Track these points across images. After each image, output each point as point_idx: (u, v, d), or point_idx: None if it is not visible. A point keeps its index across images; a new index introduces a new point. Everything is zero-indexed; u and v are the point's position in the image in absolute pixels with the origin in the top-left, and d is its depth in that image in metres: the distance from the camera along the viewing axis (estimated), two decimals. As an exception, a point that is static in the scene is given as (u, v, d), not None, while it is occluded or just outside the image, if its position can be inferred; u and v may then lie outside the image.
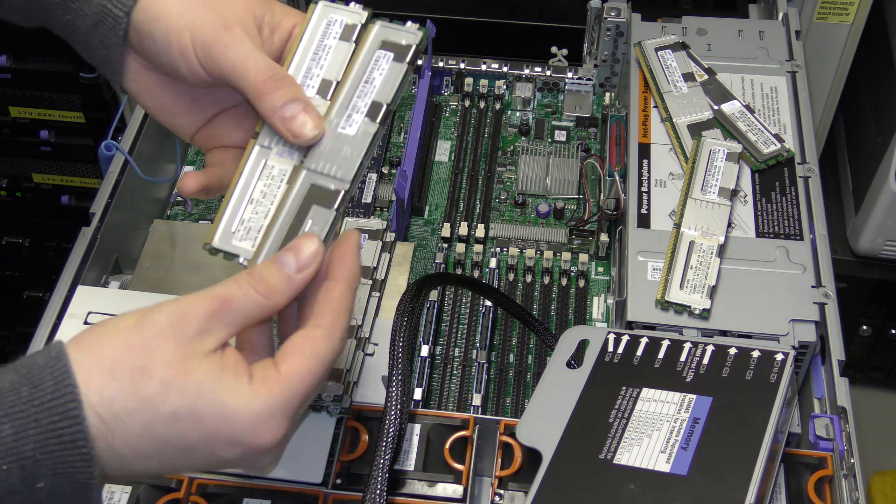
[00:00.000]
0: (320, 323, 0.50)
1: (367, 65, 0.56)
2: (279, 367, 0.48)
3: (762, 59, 0.86)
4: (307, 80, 0.55)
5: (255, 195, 0.54)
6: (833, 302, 0.70)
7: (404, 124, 0.95)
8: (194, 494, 0.62)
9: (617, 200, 0.81)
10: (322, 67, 0.56)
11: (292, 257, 0.51)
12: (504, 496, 0.62)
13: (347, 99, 0.55)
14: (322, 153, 0.54)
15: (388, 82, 0.55)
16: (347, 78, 0.55)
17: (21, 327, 1.47)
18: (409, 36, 0.56)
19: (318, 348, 0.49)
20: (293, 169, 0.54)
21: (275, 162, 0.54)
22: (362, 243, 0.73)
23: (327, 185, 0.53)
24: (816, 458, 0.64)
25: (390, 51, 0.56)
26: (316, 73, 0.56)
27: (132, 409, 0.45)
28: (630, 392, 0.63)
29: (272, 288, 0.50)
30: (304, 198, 0.53)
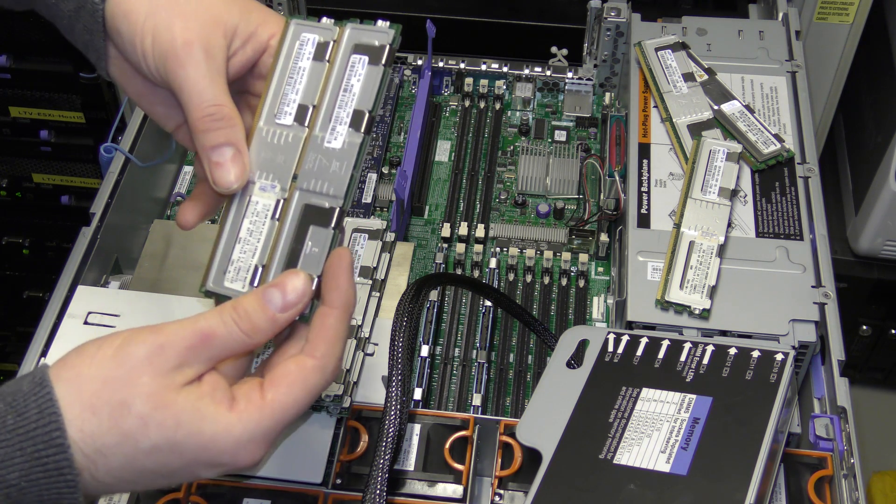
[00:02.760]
0: (314, 352, 0.49)
1: (344, 72, 0.54)
2: (265, 393, 0.48)
3: (762, 59, 0.86)
4: (283, 108, 0.54)
5: (243, 234, 0.53)
6: (833, 302, 0.70)
7: (404, 124, 0.95)
8: (194, 494, 0.62)
9: (617, 200, 0.81)
10: (298, 92, 0.55)
11: (279, 295, 0.49)
12: (504, 496, 0.62)
13: (329, 111, 0.54)
14: (312, 171, 0.53)
15: (368, 88, 0.54)
16: (327, 88, 0.54)
17: (21, 327, 1.47)
18: (382, 36, 0.55)
19: (308, 379, 0.49)
20: (276, 203, 0.53)
21: (258, 197, 0.53)
22: (362, 246, 0.73)
23: (321, 203, 0.52)
24: (816, 458, 0.64)
25: (365, 54, 0.54)
26: (292, 98, 0.55)
27: (113, 444, 0.46)
28: (630, 392, 0.63)
29: (255, 326, 0.49)
30: (301, 219, 0.52)
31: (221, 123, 0.53)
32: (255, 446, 0.48)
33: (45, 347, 0.70)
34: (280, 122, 0.54)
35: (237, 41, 0.55)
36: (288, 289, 0.49)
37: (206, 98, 0.53)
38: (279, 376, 0.49)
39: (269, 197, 0.53)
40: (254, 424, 0.47)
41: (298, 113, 0.54)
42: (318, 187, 0.52)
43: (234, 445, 0.47)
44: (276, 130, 0.54)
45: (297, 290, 0.50)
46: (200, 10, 0.54)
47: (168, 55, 0.53)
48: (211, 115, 0.53)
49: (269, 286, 0.50)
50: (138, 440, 0.46)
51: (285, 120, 0.54)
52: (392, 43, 0.54)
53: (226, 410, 0.47)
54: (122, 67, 0.58)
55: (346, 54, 0.54)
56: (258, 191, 0.53)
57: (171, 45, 0.53)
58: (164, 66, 0.53)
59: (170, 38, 0.53)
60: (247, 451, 0.48)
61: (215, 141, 0.53)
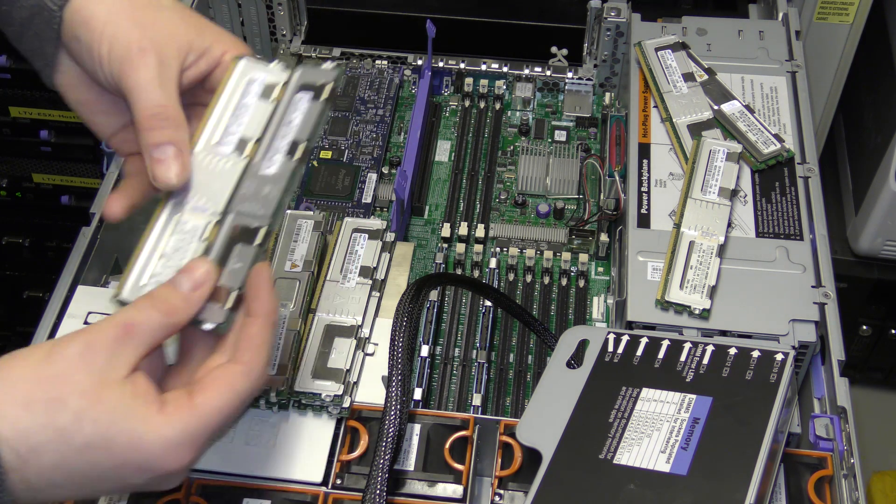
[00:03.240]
0: (241, 359, 0.51)
1: (287, 107, 0.58)
2: (194, 397, 0.49)
3: (762, 59, 0.86)
4: (225, 137, 0.57)
5: (168, 250, 0.54)
6: (833, 302, 0.70)
7: (404, 124, 0.95)
8: (194, 494, 0.62)
9: (617, 200, 0.81)
10: (241, 125, 0.57)
11: (186, 278, 0.52)
12: (504, 496, 0.62)
13: (268, 142, 0.57)
14: (246, 196, 0.55)
15: (307, 121, 0.57)
16: (270, 124, 0.57)
17: (21, 327, 1.47)
18: (327, 74, 0.59)
19: (235, 383, 0.50)
20: (207, 225, 0.55)
21: (189, 217, 0.55)
22: (362, 246, 0.73)
23: (249, 223, 0.54)
24: (816, 458, 0.64)
25: (309, 91, 0.58)
26: (234, 130, 0.57)
27: (46, 441, 0.46)
28: (630, 392, 0.63)
29: (172, 306, 0.50)
30: (229, 239, 0.54)
31: (166, 123, 0.55)
32: (183, 450, 0.48)
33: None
34: (219, 150, 0.57)
35: (191, 56, 0.58)
36: (194, 271, 0.52)
37: (153, 99, 0.55)
38: (207, 382, 0.50)
39: (200, 218, 0.55)
40: (182, 426, 0.48)
41: (239, 144, 0.57)
42: (250, 209, 0.55)
43: (164, 447, 0.48)
44: (214, 158, 0.57)
45: (203, 270, 0.52)
46: (158, 24, 0.57)
47: (123, 59, 0.56)
48: (157, 115, 0.55)
49: (176, 275, 0.52)
50: (72, 436, 0.46)
51: (225, 149, 0.57)
52: (334, 81, 0.58)
53: (156, 412, 0.48)
54: (71, 75, 0.60)
55: (291, 93, 0.58)
56: (190, 210, 0.55)
57: (127, 51, 0.56)
58: (118, 69, 0.56)
59: (126, 44, 0.56)
60: (176, 454, 0.48)
61: (159, 139, 0.55)
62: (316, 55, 0.99)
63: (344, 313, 0.69)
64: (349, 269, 0.72)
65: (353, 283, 0.71)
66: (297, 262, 0.71)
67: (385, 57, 0.99)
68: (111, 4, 0.57)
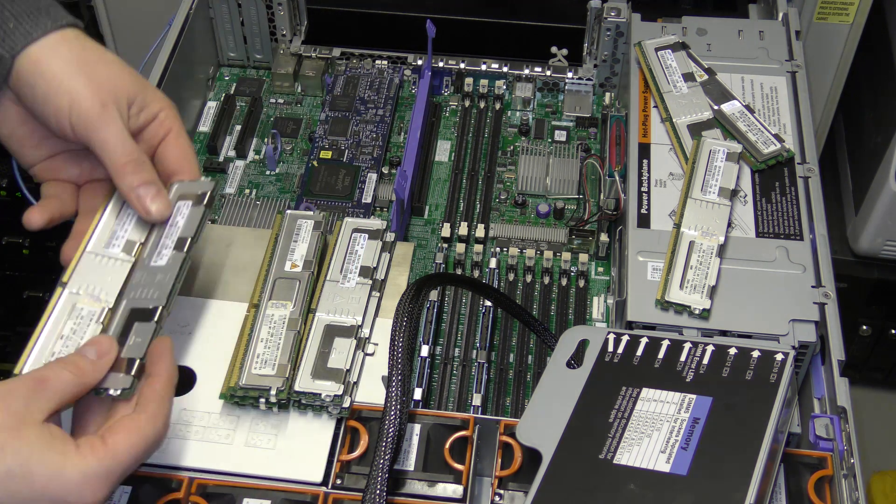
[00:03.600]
0: (146, 409, 0.56)
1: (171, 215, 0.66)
2: (106, 439, 0.54)
3: (762, 59, 0.86)
4: (113, 241, 0.65)
5: (66, 331, 0.61)
6: (833, 302, 0.70)
7: (404, 124, 0.95)
8: (194, 494, 0.62)
9: (617, 200, 0.81)
10: (126, 231, 0.66)
11: (91, 348, 0.58)
12: (504, 496, 0.62)
13: (156, 242, 0.65)
14: (138, 284, 0.63)
15: (191, 221, 0.65)
16: (153, 228, 0.66)
17: (21, 327, 1.47)
18: (204, 185, 0.67)
19: (142, 428, 0.55)
20: (102, 310, 0.62)
21: (84, 304, 0.62)
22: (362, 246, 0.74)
23: (146, 305, 0.62)
24: (816, 458, 0.64)
25: (189, 200, 0.66)
26: (121, 235, 0.65)
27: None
28: (630, 392, 0.63)
29: (81, 369, 0.56)
30: (127, 319, 0.61)
31: (142, 168, 0.64)
32: (99, 484, 0.53)
33: None
34: (108, 250, 0.65)
35: (134, 108, 0.65)
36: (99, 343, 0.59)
37: (127, 149, 0.64)
38: (117, 427, 0.55)
39: (95, 305, 0.62)
40: (97, 463, 0.53)
41: (126, 246, 0.65)
42: (144, 294, 0.63)
43: (82, 480, 0.52)
44: (104, 257, 0.65)
45: (106, 342, 0.59)
46: (110, 79, 0.64)
47: (89, 117, 0.62)
48: (132, 162, 0.64)
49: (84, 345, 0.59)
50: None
51: (113, 251, 0.65)
52: (213, 190, 0.67)
53: (74, 450, 0.53)
54: (8, 112, 0.66)
55: (172, 202, 0.66)
56: (85, 298, 0.63)
57: (92, 109, 0.62)
58: (83, 126, 0.63)
59: (89, 101, 0.62)
60: (92, 487, 0.52)
61: (142, 180, 0.64)
62: (316, 55, 0.99)
63: (344, 313, 0.69)
64: (349, 269, 0.72)
65: (353, 283, 0.71)
66: (297, 262, 0.71)
67: (385, 57, 0.99)
68: (66, 59, 0.63)
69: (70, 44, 0.64)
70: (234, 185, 0.91)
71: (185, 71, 0.92)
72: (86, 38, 0.66)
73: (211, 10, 0.98)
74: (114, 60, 0.66)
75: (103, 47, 0.67)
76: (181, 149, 0.68)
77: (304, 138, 0.95)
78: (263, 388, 0.64)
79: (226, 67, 1.02)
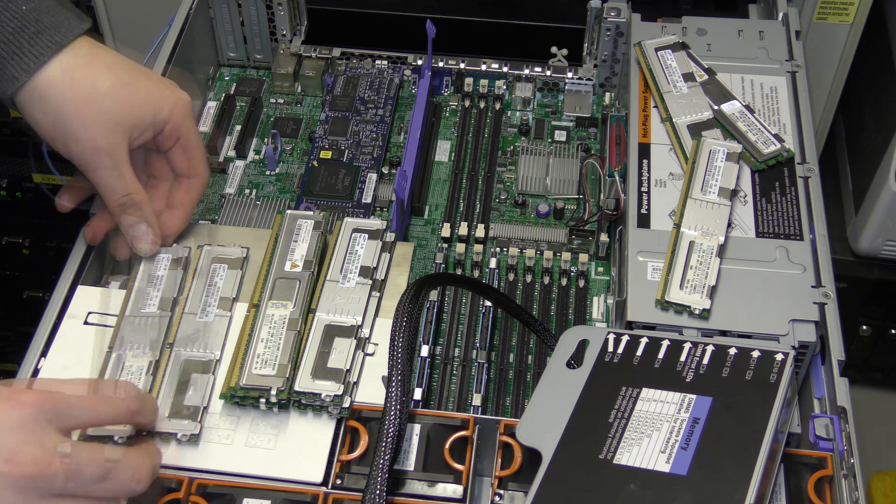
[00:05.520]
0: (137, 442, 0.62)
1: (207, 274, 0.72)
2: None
3: (762, 59, 0.86)
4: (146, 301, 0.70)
5: None
6: (833, 302, 0.70)
7: (404, 124, 0.95)
8: (194, 494, 0.62)
9: (617, 200, 0.81)
10: (159, 290, 0.71)
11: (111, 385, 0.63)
12: (504, 496, 0.62)
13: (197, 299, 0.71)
14: (187, 337, 0.69)
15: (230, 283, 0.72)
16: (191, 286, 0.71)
17: (21, 327, 1.47)
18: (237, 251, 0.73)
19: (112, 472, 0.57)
20: (149, 363, 0.67)
21: (132, 362, 0.67)
22: (362, 246, 0.74)
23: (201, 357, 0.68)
24: (816, 458, 0.64)
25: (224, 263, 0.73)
26: (154, 294, 0.71)
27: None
28: (630, 392, 0.63)
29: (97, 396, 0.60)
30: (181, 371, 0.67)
31: (134, 209, 0.70)
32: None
33: (45, 347, 0.70)
34: (144, 311, 0.70)
35: (136, 132, 0.69)
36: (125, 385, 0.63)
37: (118, 191, 0.69)
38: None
39: (142, 361, 0.67)
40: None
41: (162, 303, 0.70)
42: (196, 348, 0.68)
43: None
44: (140, 318, 0.69)
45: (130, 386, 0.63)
46: (104, 116, 0.67)
47: (83, 159, 0.67)
48: (125, 203, 0.70)
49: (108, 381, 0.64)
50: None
51: (150, 309, 0.70)
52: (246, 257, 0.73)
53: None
54: None
55: (206, 264, 0.73)
56: (131, 357, 0.67)
57: (83, 152, 0.67)
58: (79, 165, 0.68)
59: (80, 147, 0.67)
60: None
61: (132, 221, 0.71)
62: (316, 55, 0.99)
63: (344, 313, 0.69)
64: (349, 269, 0.72)
65: (353, 283, 0.71)
66: (297, 262, 0.71)
67: (385, 57, 0.99)
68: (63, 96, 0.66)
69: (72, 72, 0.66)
70: (234, 185, 0.91)
71: (186, 71, 0.92)
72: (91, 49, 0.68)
73: (211, 10, 0.98)
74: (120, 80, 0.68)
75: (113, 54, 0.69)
76: (189, 153, 0.74)
77: (304, 138, 0.95)
78: (264, 388, 0.64)
79: (226, 67, 1.02)
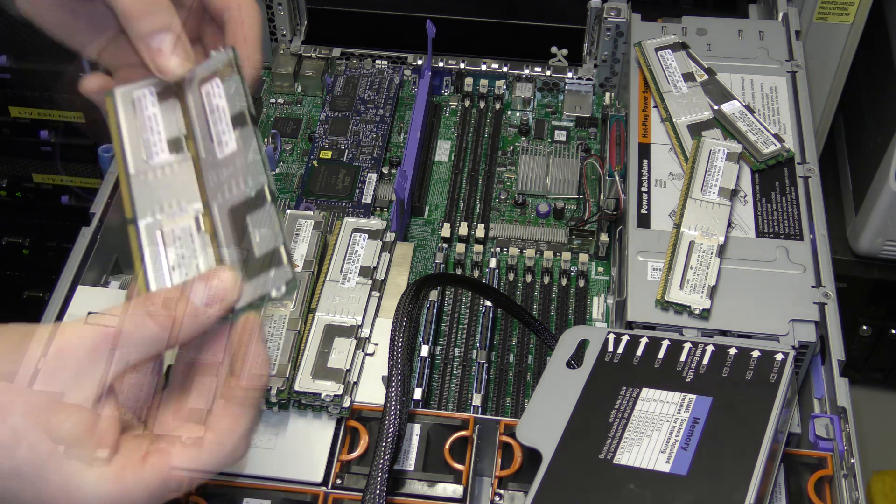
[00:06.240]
0: (215, 425, 0.43)
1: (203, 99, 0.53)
2: (148, 457, 0.42)
3: (762, 59, 0.86)
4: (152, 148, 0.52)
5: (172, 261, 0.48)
6: (833, 302, 0.70)
7: (404, 124, 0.95)
8: (194, 494, 0.62)
9: (617, 200, 0.81)
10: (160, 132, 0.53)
11: (202, 286, 0.43)
12: (504, 496, 0.62)
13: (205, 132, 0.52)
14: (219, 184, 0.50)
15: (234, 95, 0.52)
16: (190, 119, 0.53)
17: (21, 327, 1.47)
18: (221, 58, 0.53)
19: (199, 457, 0.43)
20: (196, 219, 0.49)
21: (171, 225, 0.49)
22: (361, 246, 0.73)
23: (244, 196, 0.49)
24: (816, 458, 0.64)
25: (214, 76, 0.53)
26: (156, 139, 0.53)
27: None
28: (630, 392, 0.63)
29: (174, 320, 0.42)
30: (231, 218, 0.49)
31: (159, 8, 0.48)
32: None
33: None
34: (154, 161, 0.51)
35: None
36: (213, 281, 0.43)
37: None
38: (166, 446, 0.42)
39: (185, 218, 0.49)
40: (122, 489, 0.41)
41: (172, 145, 0.52)
42: (235, 188, 0.49)
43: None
44: (153, 170, 0.51)
45: (225, 283, 0.44)
46: None
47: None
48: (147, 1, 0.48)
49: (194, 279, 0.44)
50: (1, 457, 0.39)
51: (160, 158, 0.51)
52: (233, 55, 0.53)
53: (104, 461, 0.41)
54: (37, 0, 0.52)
55: (197, 86, 0.53)
56: (168, 220, 0.49)
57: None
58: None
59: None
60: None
61: (154, 26, 0.48)
62: (316, 55, 0.99)
63: (344, 313, 0.69)
64: (349, 268, 0.72)
65: (353, 283, 0.71)
66: (297, 262, 0.71)
67: (385, 57, 0.99)
68: None
69: None
70: (234, 185, 0.91)
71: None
72: None
73: (211, 10, 0.98)
74: None
75: None
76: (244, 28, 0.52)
77: (304, 138, 0.95)
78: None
79: (226, 67, 1.02)
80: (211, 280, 0.43)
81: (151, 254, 0.47)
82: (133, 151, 0.52)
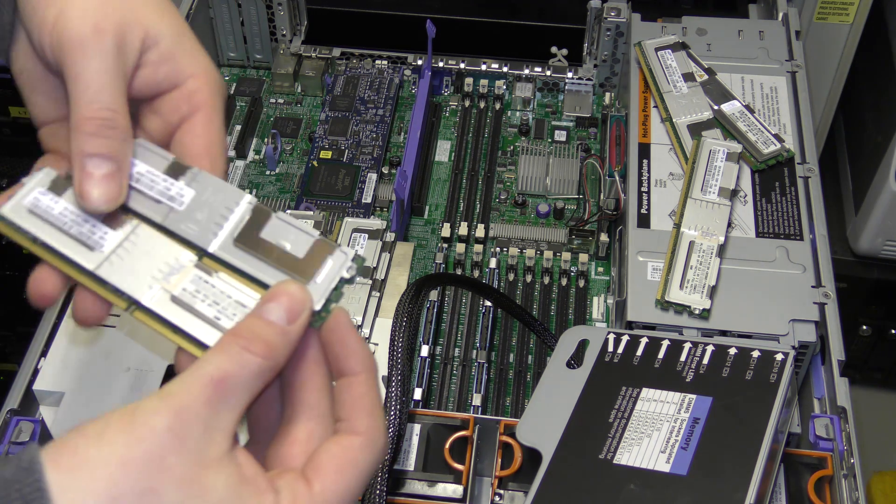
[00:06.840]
0: (357, 428, 0.41)
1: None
2: (312, 484, 0.40)
3: (762, 59, 0.86)
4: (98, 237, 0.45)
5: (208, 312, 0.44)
6: (833, 302, 0.70)
7: (404, 124, 0.95)
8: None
9: (617, 200, 0.81)
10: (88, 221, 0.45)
11: (276, 306, 0.41)
12: (504, 496, 0.62)
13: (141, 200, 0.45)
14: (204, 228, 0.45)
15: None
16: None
17: (21, 327, 1.47)
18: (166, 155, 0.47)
19: (357, 460, 0.41)
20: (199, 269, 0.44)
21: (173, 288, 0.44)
22: (361, 246, 0.73)
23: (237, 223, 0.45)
24: (816, 458, 0.64)
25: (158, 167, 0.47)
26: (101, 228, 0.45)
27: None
28: (630, 392, 0.63)
29: (270, 345, 0.40)
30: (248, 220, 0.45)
31: (110, 133, 0.43)
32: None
33: (45, 347, 0.70)
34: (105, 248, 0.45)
35: (154, 54, 0.46)
36: (283, 297, 0.42)
37: (103, 98, 0.43)
38: (324, 461, 0.40)
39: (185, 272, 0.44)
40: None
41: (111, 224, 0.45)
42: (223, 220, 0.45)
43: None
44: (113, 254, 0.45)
45: (295, 295, 0.42)
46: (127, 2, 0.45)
47: (73, 38, 0.43)
48: (101, 119, 0.43)
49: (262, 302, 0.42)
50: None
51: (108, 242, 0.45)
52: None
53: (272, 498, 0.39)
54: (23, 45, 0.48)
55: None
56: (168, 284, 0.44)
57: (80, 28, 0.43)
58: (61, 48, 0.44)
59: (81, 20, 0.43)
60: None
61: (95, 149, 0.43)
62: (316, 55, 0.99)
63: (344, 313, 0.69)
64: (349, 269, 0.72)
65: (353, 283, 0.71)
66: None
67: (385, 57, 0.99)
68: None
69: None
70: (234, 185, 0.91)
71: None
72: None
73: (211, 10, 0.98)
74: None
75: None
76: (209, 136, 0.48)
77: (304, 138, 0.95)
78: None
79: (226, 67, 1.02)
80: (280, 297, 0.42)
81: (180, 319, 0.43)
82: (75, 252, 0.45)
